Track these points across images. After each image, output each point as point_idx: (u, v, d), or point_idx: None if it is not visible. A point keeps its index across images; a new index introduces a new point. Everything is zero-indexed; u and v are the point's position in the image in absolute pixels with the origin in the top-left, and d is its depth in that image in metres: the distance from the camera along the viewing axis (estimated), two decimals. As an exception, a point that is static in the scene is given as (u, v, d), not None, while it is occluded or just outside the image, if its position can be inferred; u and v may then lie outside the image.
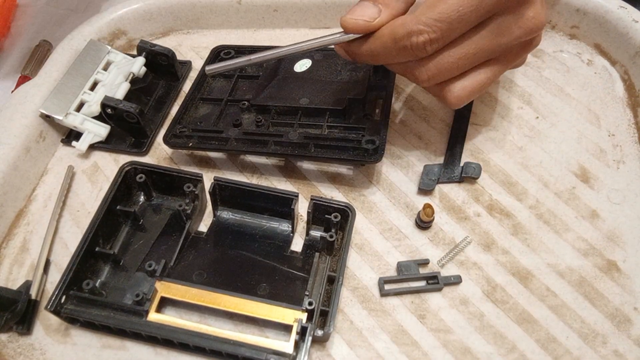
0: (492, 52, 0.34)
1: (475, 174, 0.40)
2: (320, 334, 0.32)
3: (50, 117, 0.43)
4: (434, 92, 0.36)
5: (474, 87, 0.35)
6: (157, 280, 0.33)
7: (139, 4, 0.51)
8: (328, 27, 0.52)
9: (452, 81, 0.34)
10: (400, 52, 0.32)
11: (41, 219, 0.40)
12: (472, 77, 0.34)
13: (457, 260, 0.36)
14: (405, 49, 0.32)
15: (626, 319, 0.34)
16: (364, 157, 0.38)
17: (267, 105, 0.43)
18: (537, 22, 0.33)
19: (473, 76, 0.34)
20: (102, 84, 0.45)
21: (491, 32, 0.32)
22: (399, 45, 0.32)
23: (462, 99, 0.35)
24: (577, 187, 0.40)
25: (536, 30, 0.33)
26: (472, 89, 0.35)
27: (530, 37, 0.34)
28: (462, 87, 0.34)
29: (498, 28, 0.32)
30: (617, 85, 0.46)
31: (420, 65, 0.33)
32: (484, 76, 0.35)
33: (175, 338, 0.32)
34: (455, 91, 0.34)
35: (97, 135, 0.43)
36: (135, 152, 0.43)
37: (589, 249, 0.37)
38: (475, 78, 0.34)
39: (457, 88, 0.34)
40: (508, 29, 0.32)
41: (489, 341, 0.33)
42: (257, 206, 0.38)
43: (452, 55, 0.33)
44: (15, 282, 0.37)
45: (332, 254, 0.36)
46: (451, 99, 0.35)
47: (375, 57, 0.34)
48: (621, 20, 0.46)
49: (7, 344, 0.34)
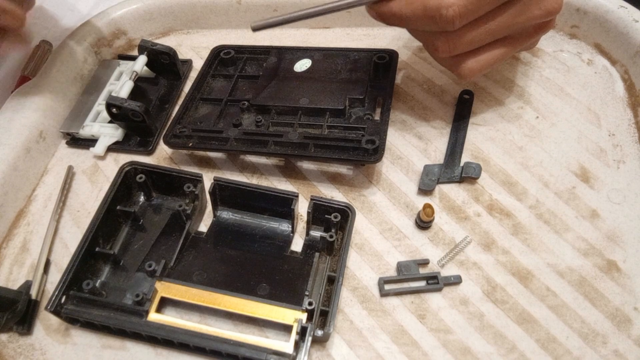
0: (509, 30, 0.35)
1: (475, 174, 0.40)
2: (320, 334, 0.32)
3: (70, 134, 0.45)
4: (448, 64, 0.37)
5: (488, 62, 0.36)
6: (157, 280, 0.33)
7: (138, 4, 0.51)
8: (328, 27, 0.52)
9: (468, 55, 0.36)
10: (428, 21, 0.33)
11: (41, 219, 0.40)
12: (486, 52, 0.36)
13: (457, 260, 0.36)
14: (433, 19, 0.33)
15: (626, 319, 0.34)
16: (364, 157, 0.38)
17: (267, 105, 0.43)
18: (555, 5, 0.34)
19: (488, 52, 0.36)
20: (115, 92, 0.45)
21: (514, 11, 0.34)
22: (428, 14, 0.33)
23: (474, 72, 0.36)
24: (577, 186, 0.40)
25: (554, 12, 0.35)
26: (485, 64, 0.36)
27: (547, 18, 0.35)
28: (476, 61, 0.36)
29: (521, 7, 0.34)
30: (617, 85, 0.46)
31: (443, 36, 0.34)
32: (497, 52, 0.36)
33: (175, 338, 0.32)
34: (469, 64, 0.36)
35: (113, 136, 0.43)
36: (142, 152, 0.44)
37: (589, 248, 0.37)
38: (489, 54, 0.36)
39: (471, 62, 0.36)
40: (529, 8, 0.34)
41: (489, 341, 0.33)
42: (257, 206, 0.38)
43: (474, 31, 0.34)
44: (16, 282, 0.37)
45: (332, 254, 0.36)
46: (464, 71, 0.36)
47: (402, 21, 0.35)
48: (621, 19, 0.46)
49: (8, 344, 0.34)
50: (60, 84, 0.45)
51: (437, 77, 0.47)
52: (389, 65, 0.44)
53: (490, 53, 0.36)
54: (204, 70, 0.47)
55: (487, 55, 0.36)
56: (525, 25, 0.35)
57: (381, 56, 0.44)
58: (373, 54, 0.45)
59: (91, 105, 0.46)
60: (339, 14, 0.51)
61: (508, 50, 0.36)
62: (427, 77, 0.47)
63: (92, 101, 0.46)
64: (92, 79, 0.48)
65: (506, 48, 0.36)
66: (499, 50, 0.36)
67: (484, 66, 0.36)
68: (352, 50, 0.47)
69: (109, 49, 0.51)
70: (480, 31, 0.34)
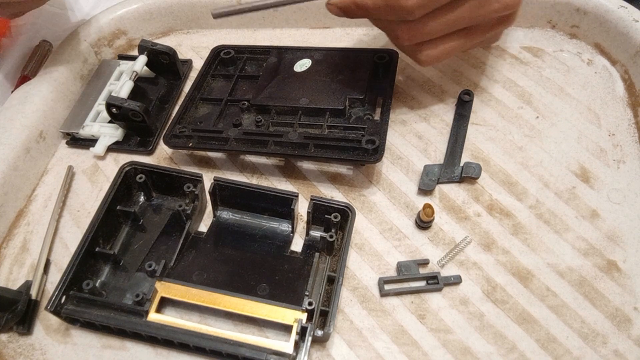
0: (469, 22, 0.36)
1: (475, 174, 0.40)
2: (320, 334, 0.32)
3: (70, 134, 0.44)
4: (408, 51, 0.39)
5: (447, 51, 0.37)
6: (157, 280, 0.33)
7: (138, 4, 0.51)
8: (328, 27, 0.52)
9: (428, 43, 0.37)
10: (389, 11, 0.34)
11: (41, 219, 0.40)
12: (446, 42, 0.37)
13: (457, 260, 0.36)
14: (393, 9, 0.34)
15: (626, 319, 0.34)
16: (364, 157, 0.38)
17: (267, 105, 0.43)
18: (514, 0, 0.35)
19: (447, 41, 0.37)
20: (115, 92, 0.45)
21: (473, 3, 0.34)
22: (388, 4, 0.34)
23: (432, 60, 0.38)
24: (577, 186, 0.40)
25: (512, 7, 0.36)
26: (444, 52, 0.37)
27: (506, 12, 0.36)
28: (435, 49, 0.37)
29: (480, 0, 0.35)
30: (617, 84, 0.46)
31: (404, 25, 0.35)
32: (457, 43, 0.37)
33: (175, 338, 0.32)
34: (428, 52, 0.37)
35: (113, 136, 0.43)
36: (141, 152, 0.44)
37: (589, 248, 0.37)
38: (449, 43, 0.37)
39: (431, 50, 0.37)
40: (488, 1, 0.35)
41: (489, 341, 0.33)
42: (257, 206, 0.38)
43: (434, 21, 0.35)
44: (16, 282, 0.37)
45: (332, 254, 0.36)
46: (423, 58, 0.37)
47: (364, 12, 0.36)
48: (621, 19, 0.45)
49: (8, 344, 0.34)
50: (60, 84, 0.45)
51: (437, 77, 0.47)
52: (389, 65, 0.44)
53: (449, 43, 0.37)
54: (204, 70, 0.47)
55: (447, 45, 0.37)
56: (484, 18, 0.36)
57: (381, 56, 0.44)
58: (373, 54, 0.45)
59: (91, 105, 0.46)
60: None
61: (467, 41, 0.37)
62: (427, 77, 0.47)
63: (92, 101, 0.46)
64: (92, 79, 0.48)
65: (466, 39, 0.37)
66: (459, 41, 0.37)
67: (443, 54, 0.37)
68: (352, 50, 0.47)
69: (109, 49, 0.51)
70: (439, 21, 0.35)
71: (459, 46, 0.37)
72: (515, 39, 0.50)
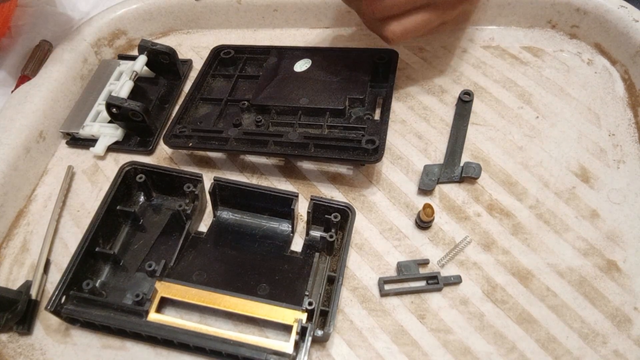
0: None
1: (475, 174, 0.40)
2: (320, 334, 0.32)
3: (70, 133, 0.44)
4: (373, 27, 0.40)
5: (411, 26, 0.38)
6: (157, 280, 0.33)
7: (138, 4, 0.51)
8: (328, 27, 0.52)
9: (392, 19, 0.38)
10: None
11: (41, 219, 0.40)
12: (410, 17, 0.38)
13: (457, 260, 0.36)
14: None
15: (626, 319, 0.34)
16: (364, 157, 0.38)
17: (267, 105, 0.43)
18: None
19: (411, 17, 0.38)
20: (115, 92, 0.45)
21: None
22: None
23: (397, 36, 0.38)
24: (577, 186, 0.40)
25: None
26: (409, 28, 0.38)
27: None
28: (399, 24, 0.38)
29: None
30: (617, 84, 0.46)
31: (367, 0, 0.37)
32: (420, 18, 0.38)
33: (175, 338, 0.32)
34: (392, 28, 0.38)
35: (113, 136, 0.43)
36: (141, 152, 0.44)
37: (589, 248, 0.37)
38: (413, 19, 0.38)
39: (395, 25, 0.38)
40: None
41: (489, 341, 0.33)
42: (257, 206, 0.38)
43: None
44: (16, 282, 0.37)
45: (332, 254, 0.36)
46: (388, 34, 0.38)
47: None
48: (621, 19, 0.45)
49: (8, 344, 0.34)
50: (60, 84, 0.45)
51: (437, 77, 0.47)
52: (389, 65, 0.44)
53: (413, 18, 0.38)
54: (204, 70, 0.47)
55: (411, 20, 0.38)
56: None
57: (381, 56, 0.44)
58: (373, 54, 0.45)
59: (91, 105, 0.46)
60: (339, 13, 0.51)
61: (431, 17, 0.38)
62: (427, 77, 0.47)
63: (92, 101, 0.46)
64: (92, 79, 0.48)
65: (429, 15, 0.38)
66: (422, 16, 0.38)
67: (408, 30, 0.38)
68: (352, 50, 0.47)
69: (109, 49, 0.51)
70: None
71: (423, 22, 0.38)
72: (515, 39, 0.50)
